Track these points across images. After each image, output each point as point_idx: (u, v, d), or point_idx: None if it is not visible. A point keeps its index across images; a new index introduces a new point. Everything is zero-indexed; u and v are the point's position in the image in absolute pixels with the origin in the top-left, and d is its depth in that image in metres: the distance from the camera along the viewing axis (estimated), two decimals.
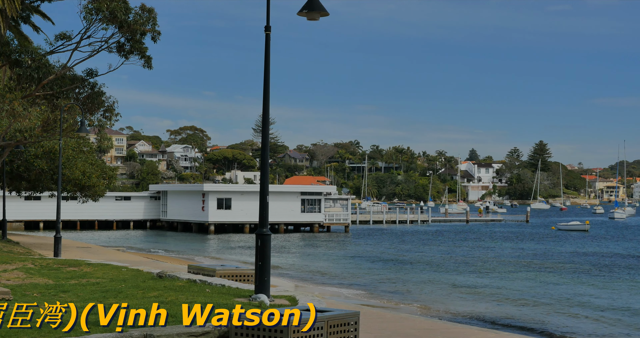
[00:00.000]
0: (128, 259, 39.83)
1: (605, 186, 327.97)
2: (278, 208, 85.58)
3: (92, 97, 38.62)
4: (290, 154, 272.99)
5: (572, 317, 29.57)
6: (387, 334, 16.55)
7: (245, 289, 18.81)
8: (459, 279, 42.51)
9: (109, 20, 33.95)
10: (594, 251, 64.04)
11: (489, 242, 75.87)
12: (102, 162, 62.14)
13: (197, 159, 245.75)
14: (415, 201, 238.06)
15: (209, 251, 62.77)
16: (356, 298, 32.84)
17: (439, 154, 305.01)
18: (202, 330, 12.84)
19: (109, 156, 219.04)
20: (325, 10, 17.30)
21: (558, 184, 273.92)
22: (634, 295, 36.77)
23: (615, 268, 49.68)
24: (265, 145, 17.96)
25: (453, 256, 58.16)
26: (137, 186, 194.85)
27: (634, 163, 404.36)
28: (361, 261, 53.72)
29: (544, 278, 43.22)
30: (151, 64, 35.74)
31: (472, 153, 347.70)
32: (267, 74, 17.98)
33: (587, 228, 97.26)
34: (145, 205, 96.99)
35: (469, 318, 28.18)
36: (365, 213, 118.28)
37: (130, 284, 20.14)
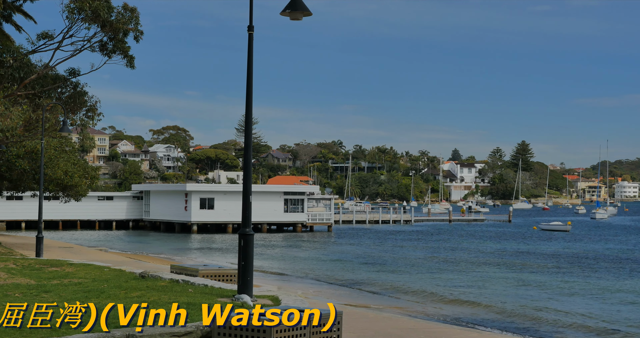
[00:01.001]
0: (110, 259, 39.72)
1: (587, 186, 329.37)
2: (261, 208, 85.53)
3: (74, 97, 38.45)
4: (274, 154, 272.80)
5: (554, 315, 29.67)
6: (370, 334, 16.57)
7: (228, 289, 18.79)
8: (442, 278, 42.59)
9: (92, 19, 33.80)
10: (575, 251, 64.26)
11: (471, 242, 76.06)
12: (84, 162, 61.89)
13: (179, 159, 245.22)
14: (398, 201, 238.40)
15: (192, 251, 62.67)
16: (339, 298, 32.85)
17: (421, 154, 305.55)
18: (185, 330, 12.81)
19: (92, 156, 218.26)
20: (308, 10, 17.29)
21: (540, 184, 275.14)
22: (614, 293, 36.94)
23: (595, 268, 49.88)
24: (248, 145, 17.94)
25: (435, 256, 58.27)
26: (119, 186, 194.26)
27: (615, 163, 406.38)
28: (344, 261, 53.74)
29: (525, 278, 43.35)
30: (134, 64, 35.61)
31: (455, 152, 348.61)
32: (250, 74, 17.96)
33: (568, 228, 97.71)
34: (128, 205, 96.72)
35: (451, 318, 28.24)
36: (348, 213, 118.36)
37: (112, 284, 20.09)
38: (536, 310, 31.16)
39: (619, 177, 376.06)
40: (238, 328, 12.69)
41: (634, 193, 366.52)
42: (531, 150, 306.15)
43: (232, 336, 12.73)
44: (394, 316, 23.29)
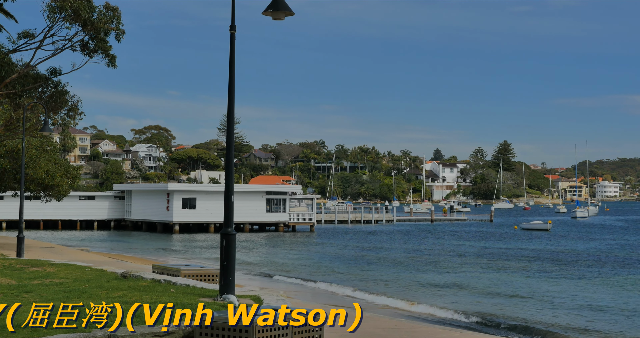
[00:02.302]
0: (92, 259, 39.58)
1: (568, 185, 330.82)
2: (243, 207, 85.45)
3: (55, 96, 38.33)
4: (256, 154, 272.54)
5: (535, 313, 29.78)
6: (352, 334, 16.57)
7: (210, 289, 18.77)
8: (424, 278, 42.67)
9: (73, 18, 33.71)
10: (555, 250, 64.51)
11: (453, 241, 76.23)
12: (65, 161, 61.65)
13: (161, 158, 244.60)
14: (380, 200, 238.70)
15: (174, 251, 62.53)
16: (321, 298, 32.85)
17: (403, 154, 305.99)
18: (167, 331, 12.79)
19: (73, 156, 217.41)
20: (290, 10, 17.30)
21: (522, 183, 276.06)
22: (592, 292, 37.12)
23: (574, 266, 50.09)
24: (230, 145, 17.93)
25: (417, 256, 58.36)
26: (101, 186, 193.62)
27: (596, 162, 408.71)
28: (326, 261, 53.77)
29: (505, 277, 43.49)
30: (115, 63, 35.53)
31: (437, 152, 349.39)
32: (232, 74, 17.95)
33: (548, 228, 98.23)
34: (110, 205, 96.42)
35: (433, 318, 28.30)
36: (331, 213, 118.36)
37: (94, 284, 20.03)
38: (517, 309, 31.27)
39: (599, 177, 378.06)
40: (220, 328, 12.66)
41: (614, 192, 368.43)
42: (513, 150, 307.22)
43: (214, 336, 12.71)
44: (375, 315, 23.31)
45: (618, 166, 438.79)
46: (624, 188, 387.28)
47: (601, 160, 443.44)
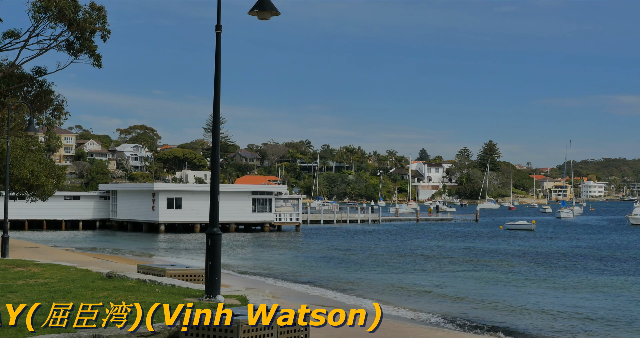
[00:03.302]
0: (77, 259, 39.47)
1: (554, 185, 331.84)
2: (229, 207, 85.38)
3: (40, 96, 38.23)
4: (241, 154, 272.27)
5: (518, 314, 29.89)
6: (337, 333, 16.59)
7: (195, 289, 18.76)
8: (409, 278, 42.75)
9: (58, 18, 33.62)
10: (538, 250, 64.72)
11: (438, 241, 76.37)
12: (50, 161, 61.42)
13: (147, 158, 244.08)
14: (366, 200, 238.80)
15: (159, 251, 62.44)
16: (307, 298, 32.87)
17: (389, 154, 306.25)
18: (151, 331, 12.79)
19: (58, 155, 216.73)
20: (276, 10, 17.31)
21: (507, 183, 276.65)
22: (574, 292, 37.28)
23: (558, 266, 50.28)
24: (216, 145, 17.93)
25: (402, 255, 58.45)
26: (86, 186, 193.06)
27: (581, 162, 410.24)
28: (312, 261, 53.80)
29: (490, 276, 43.61)
30: (101, 63, 35.46)
31: (423, 152, 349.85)
32: (218, 74, 17.95)
33: (533, 228, 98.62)
34: (95, 205, 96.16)
35: (419, 317, 28.35)
36: (316, 213, 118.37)
37: (79, 284, 19.99)
38: (503, 309, 31.38)
39: (584, 177, 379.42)
40: (206, 328, 12.66)
41: (599, 192, 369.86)
42: (498, 150, 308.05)
43: (200, 336, 12.70)
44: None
45: (603, 166, 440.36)
46: (608, 188, 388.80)
47: (586, 160, 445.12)
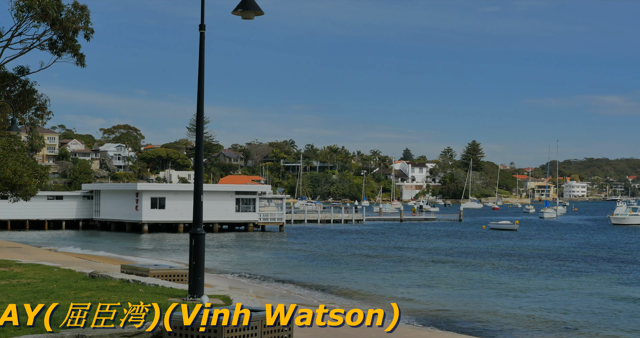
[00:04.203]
0: (60, 259, 39.34)
1: (537, 185, 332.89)
2: (212, 207, 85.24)
3: (23, 96, 38.09)
4: (225, 154, 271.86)
5: (502, 313, 29.97)
6: (321, 333, 16.61)
7: (179, 289, 18.74)
8: (392, 277, 42.81)
9: (41, 17, 33.51)
10: (521, 250, 64.94)
11: (421, 241, 76.50)
12: (33, 161, 61.14)
13: (130, 158, 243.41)
14: (350, 200, 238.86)
15: (143, 251, 62.29)
16: (290, 297, 32.87)
17: (373, 154, 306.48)
18: (136, 330, 12.77)
19: (41, 155, 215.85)
20: (260, 10, 17.30)
21: (490, 183, 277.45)
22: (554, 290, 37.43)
23: (540, 266, 50.47)
24: (200, 144, 17.91)
25: (386, 255, 58.52)
26: (69, 186, 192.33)
27: (564, 162, 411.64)
28: (295, 261, 53.79)
29: (473, 276, 43.72)
30: (84, 62, 35.36)
31: (406, 152, 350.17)
32: (202, 73, 17.94)
33: (516, 227, 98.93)
34: (78, 205, 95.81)
35: (402, 317, 28.39)
36: (300, 213, 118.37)
37: (62, 284, 19.93)
38: (484, 308, 31.47)
39: (567, 177, 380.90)
40: (189, 329, 12.65)
41: (582, 192, 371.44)
42: (481, 150, 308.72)
43: (183, 336, 12.69)
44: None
45: (586, 166, 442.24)
46: (591, 188, 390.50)
47: (569, 160, 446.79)
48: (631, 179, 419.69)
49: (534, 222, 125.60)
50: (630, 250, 66.34)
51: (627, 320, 29.46)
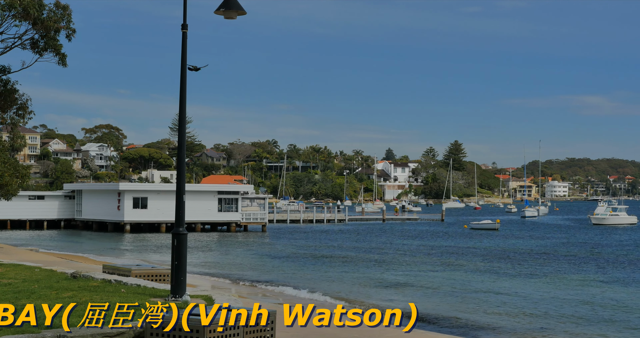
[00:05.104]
0: (41, 259, 39.20)
1: (519, 185, 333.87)
2: (195, 207, 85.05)
3: (4, 95, 37.85)
4: (208, 154, 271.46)
5: (483, 311, 30.07)
6: (304, 333, 16.62)
7: (161, 289, 18.72)
8: (375, 276, 42.87)
9: (23, 16, 33.33)
10: (502, 249, 65.16)
11: (404, 240, 76.62)
12: (15, 161, 60.93)
13: (112, 158, 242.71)
14: (333, 200, 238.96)
15: (125, 251, 62.14)
16: (273, 297, 32.88)
17: (355, 154, 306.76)
18: (117, 331, 12.77)
19: (22, 155, 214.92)
20: (242, 9, 17.32)
21: (473, 183, 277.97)
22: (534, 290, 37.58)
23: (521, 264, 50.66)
24: (182, 144, 17.90)
25: (368, 255, 58.58)
26: (51, 185, 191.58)
27: (546, 162, 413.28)
28: (278, 260, 53.79)
29: (454, 275, 43.84)
30: (66, 62, 35.18)
31: (389, 152, 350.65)
32: (184, 73, 17.93)
33: (497, 227, 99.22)
34: (60, 204, 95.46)
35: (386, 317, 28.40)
36: (283, 213, 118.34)
37: (43, 284, 19.86)
38: (464, 307, 31.56)
39: (549, 176, 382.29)
40: (172, 329, 12.67)
41: (563, 192, 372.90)
42: (464, 150, 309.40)
43: (165, 336, 12.70)
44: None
45: (567, 166, 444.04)
46: (572, 188, 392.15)
47: (551, 160, 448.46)
48: (612, 179, 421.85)
49: (515, 222, 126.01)
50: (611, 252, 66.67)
51: (605, 318, 29.62)
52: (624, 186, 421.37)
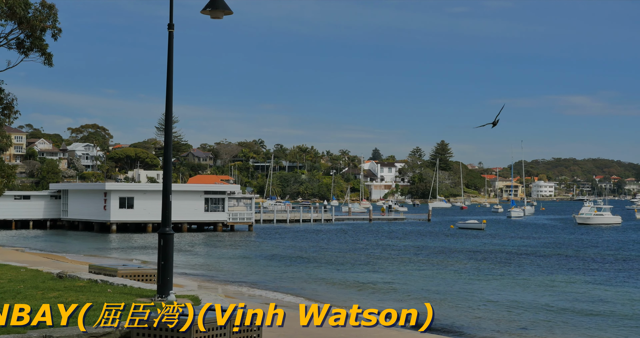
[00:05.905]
0: (27, 259, 39.11)
1: (505, 185, 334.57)
2: (181, 207, 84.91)
3: None
4: (194, 153, 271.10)
5: (469, 312, 30.14)
6: (290, 333, 16.64)
7: (147, 289, 18.69)
8: (361, 276, 42.89)
9: (8, 16, 33.23)
10: (488, 248, 65.33)
11: (390, 240, 76.69)
12: (0, 160, 60.75)
13: (99, 157, 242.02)
14: (319, 200, 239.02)
15: (111, 251, 62.01)
16: (259, 297, 32.88)
17: (342, 154, 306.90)
18: (104, 331, 12.76)
19: (8, 155, 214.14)
20: (229, 9, 17.31)
21: (459, 183, 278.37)
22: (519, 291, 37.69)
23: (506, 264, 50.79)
24: (168, 144, 17.88)
25: (354, 254, 58.61)
26: (37, 185, 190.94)
27: (532, 162, 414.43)
28: (264, 260, 53.77)
29: (441, 275, 43.91)
30: (52, 61, 35.08)
31: (375, 152, 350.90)
32: (170, 73, 17.91)
33: (483, 227, 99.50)
34: (46, 204, 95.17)
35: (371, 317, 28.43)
36: (269, 212, 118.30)
37: (29, 284, 19.82)
38: (452, 307, 31.62)
39: (535, 176, 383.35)
40: (157, 329, 12.67)
41: (550, 192, 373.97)
42: (450, 150, 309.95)
43: (152, 336, 12.70)
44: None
45: (553, 166, 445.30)
46: (559, 188, 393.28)
47: (537, 160, 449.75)
48: (598, 179, 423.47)
49: (501, 222, 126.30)
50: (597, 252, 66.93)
51: (590, 318, 29.73)
52: (610, 186, 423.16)
